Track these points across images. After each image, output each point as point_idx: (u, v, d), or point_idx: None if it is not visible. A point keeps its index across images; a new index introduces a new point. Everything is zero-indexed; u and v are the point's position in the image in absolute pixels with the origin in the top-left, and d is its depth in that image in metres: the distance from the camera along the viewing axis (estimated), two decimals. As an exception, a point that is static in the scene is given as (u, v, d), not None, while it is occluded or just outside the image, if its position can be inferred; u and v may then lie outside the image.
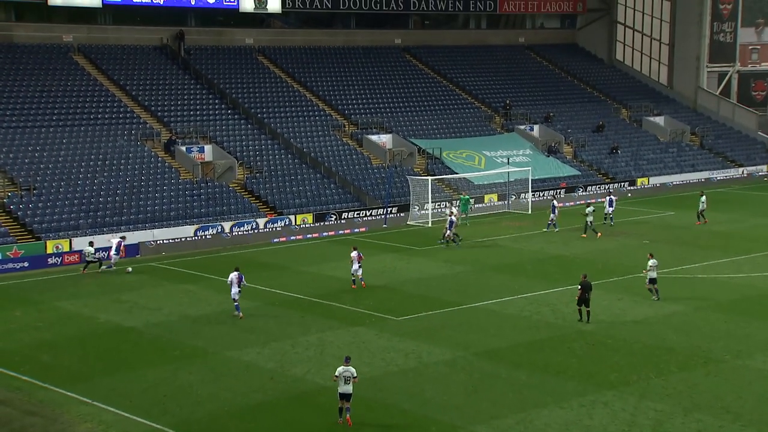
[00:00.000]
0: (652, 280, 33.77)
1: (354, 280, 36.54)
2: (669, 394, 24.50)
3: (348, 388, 22.88)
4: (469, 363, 27.42)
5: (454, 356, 28.02)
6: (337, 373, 23.01)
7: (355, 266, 36.23)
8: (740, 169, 70.06)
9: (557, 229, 47.42)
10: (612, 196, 50.79)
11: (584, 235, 46.44)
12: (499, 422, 22.82)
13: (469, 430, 22.46)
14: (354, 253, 36.49)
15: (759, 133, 76.79)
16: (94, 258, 41.18)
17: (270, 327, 31.68)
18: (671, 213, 54.02)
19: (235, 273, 32.83)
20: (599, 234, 46.52)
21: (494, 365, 27.15)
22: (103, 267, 41.20)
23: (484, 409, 23.70)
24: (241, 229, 48.90)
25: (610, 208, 49.89)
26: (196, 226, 47.92)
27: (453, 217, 45.44)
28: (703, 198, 49.98)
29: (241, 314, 32.47)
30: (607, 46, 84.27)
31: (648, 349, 28.42)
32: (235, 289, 32.53)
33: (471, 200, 53.87)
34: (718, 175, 68.30)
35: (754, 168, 70.76)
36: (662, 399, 24.16)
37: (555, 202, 50.02)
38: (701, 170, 68.36)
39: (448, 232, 44.68)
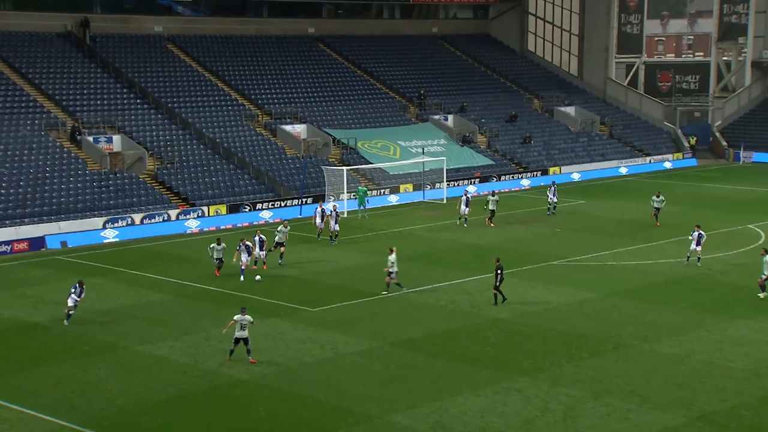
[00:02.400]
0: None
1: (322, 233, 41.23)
2: (580, 380, 25.07)
3: (244, 333, 26.01)
4: (386, 353, 27.56)
5: (370, 346, 28.12)
6: (235, 318, 26.09)
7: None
8: (647, 158, 72.06)
9: (466, 225, 47.10)
10: (554, 186, 51.09)
11: (492, 225, 46.81)
12: (415, 411, 23.01)
13: (385, 419, 22.58)
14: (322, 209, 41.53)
15: (665, 123, 79.10)
16: None
17: (182, 320, 31.24)
18: (582, 201, 55.21)
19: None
20: (492, 224, 46.99)
21: (410, 355, 27.34)
22: None
23: (401, 399, 23.86)
24: (153, 220, 48.06)
25: (554, 198, 50.21)
26: (105, 219, 46.88)
27: (326, 209, 44.33)
28: (660, 197, 47.17)
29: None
30: (518, 37, 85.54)
31: (560, 335, 29.02)
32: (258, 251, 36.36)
33: (368, 192, 53.27)
34: (626, 163, 70.16)
35: (660, 157, 72.89)
36: (574, 384, 24.72)
37: (468, 196, 48.66)
38: (610, 159, 70.10)
39: (336, 227, 43.25)
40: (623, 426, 22.00)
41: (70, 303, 30.43)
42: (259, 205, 51.81)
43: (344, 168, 54.56)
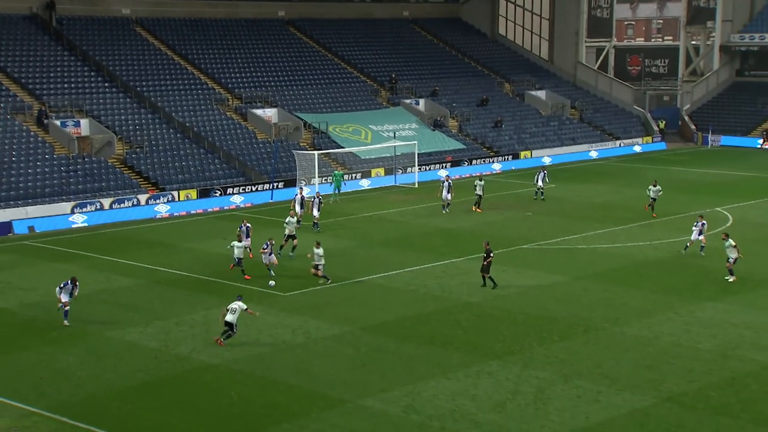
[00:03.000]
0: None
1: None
2: (551, 362, 25.28)
3: (233, 318, 26.31)
4: (357, 337, 27.60)
5: (341, 331, 28.15)
6: (228, 307, 26.48)
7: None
8: (617, 142, 72.53)
9: (447, 211, 46.80)
10: (544, 171, 51.03)
11: (479, 210, 46.68)
12: (387, 395, 23.09)
13: (357, 403, 22.64)
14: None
15: (634, 107, 79.61)
16: None
17: (154, 306, 31.08)
18: (552, 185, 55.46)
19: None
20: (479, 209, 46.91)
21: (382, 339, 27.41)
22: None
23: (372, 383, 23.92)
24: (122, 205, 47.69)
25: (541, 184, 49.98)
26: (73, 203, 46.44)
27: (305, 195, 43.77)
28: (657, 187, 45.47)
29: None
30: (489, 21, 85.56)
31: (531, 319, 29.22)
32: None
33: (344, 176, 53.27)
34: (596, 147, 70.58)
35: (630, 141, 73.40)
36: (544, 367, 24.91)
37: (450, 181, 47.71)
38: (581, 143, 70.48)
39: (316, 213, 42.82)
40: (593, 408, 22.22)
41: (63, 299, 28.45)
42: (229, 190, 51.55)
43: (315, 152, 54.38)
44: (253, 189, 52.46)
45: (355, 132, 62.26)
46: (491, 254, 32.53)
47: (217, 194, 50.97)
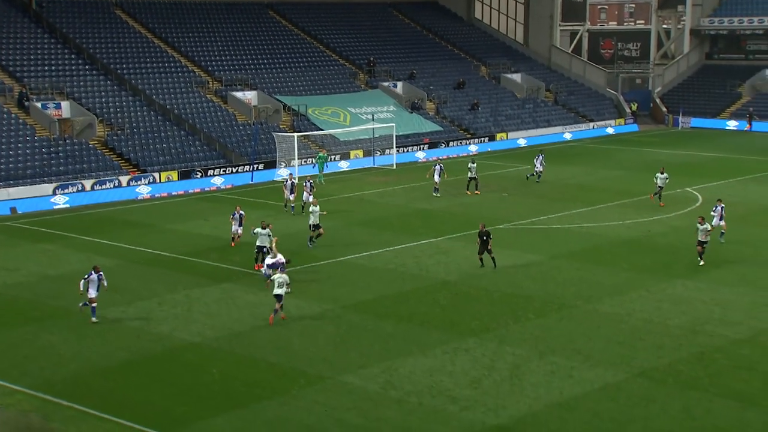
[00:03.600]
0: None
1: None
2: (526, 339, 25.37)
3: (281, 291, 26.42)
4: (337, 316, 27.58)
5: (321, 310, 28.11)
6: (273, 278, 26.79)
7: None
8: (591, 124, 72.73)
9: (438, 194, 46.36)
10: (542, 154, 50.47)
11: (468, 192, 46.43)
12: (365, 371, 23.10)
13: (336, 380, 22.64)
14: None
15: (607, 89, 79.80)
16: None
17: (135, 286, 30.88)
18: (528, 167, 55.57)
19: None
20: (477, 192, 46.65)
21: (361, 317, 27.40)
22: None
23: (352, 360, 23.92)
24: (103, 186, 47.31)
25: (540, 167, 49.48)
26: (55, 185, 46.01)
27: (293, 181, 42.69)
28: (664, 174, 43.52)
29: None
30: (466, 5, 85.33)
31: (507, 297, 29.30)
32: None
33: (328, 158, 53.02)
34: (570, 129, 70.75)
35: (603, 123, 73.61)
36: (519, 344, 25.00)
37: (442, 165, 46.73)
38: (555, 125, 70.61)
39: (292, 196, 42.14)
40: (567, 383, 22.34)
41: (92, 294, 26.66)
42: (210, 172, 51.26)
43: (295, 134, 54.16)
44: (234, 171, 52.19)
45: (334, 114, 62.02)
46: (490, 235, 32.31)
47: (198, 176, 50.67)
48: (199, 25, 67.58)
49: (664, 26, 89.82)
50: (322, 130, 58.87)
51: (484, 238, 32.17)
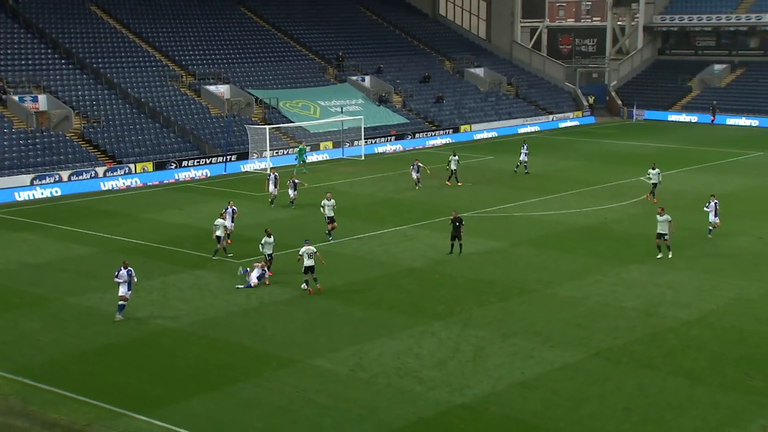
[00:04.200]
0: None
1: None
2: (489, 322, 25.52)
3: (311, 262, 27.42)
4: (307, 301, 27.55)
5: (292, 296, 28.07)
6: (301, 252, 27.39)
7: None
8: (550, 116, 73.11)
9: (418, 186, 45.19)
10: (525, 144, 50.12)
11: (448, 183, 46.18)
12: (335, 355, 23.13)
13: (307, 363, 22.64)
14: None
15: (566, 83, 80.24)
16: None
17: (112, 273, 30.40)
18: (491, 157, 55.82)
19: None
20: (459, 183, 46.54)
21: (331, 303, 27.40)
22: None
23: (322, 344, 23.93)
24: (80, 177, 46.78)
25: (525, 158, 49.16)
26: (32, 176, 45.42)
27: (275, 175, 42.16)
28: (656, 170, 41.63)
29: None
30: (431, 2, 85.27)
31: (470, 282, 29.44)
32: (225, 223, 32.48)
33: (307, 149, 53.08)
34: (531, 121, 71.08)
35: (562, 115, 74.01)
36: (483, 327, 25.15)
37: (420, 163, 45.49)
38: (516, 117, 70.90)
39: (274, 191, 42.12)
40: (528, 363, 22.53)
41: (122, 291, 25.41)
42: (185, 163, 50.89)
43: (267, 127, 53.89)
44: (208, 162, 51.85)
45: (304, 107, 61.78)
46: (462, 221, 32.45)
47: (173, 167, 50.27)
48: (173, 20, 66.92)
49: (619, 23, 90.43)
50: (293, 122, 58.64)
51: (456, 224, 32.34)
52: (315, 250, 27.79)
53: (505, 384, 21.30)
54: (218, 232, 31.92)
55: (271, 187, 41.30)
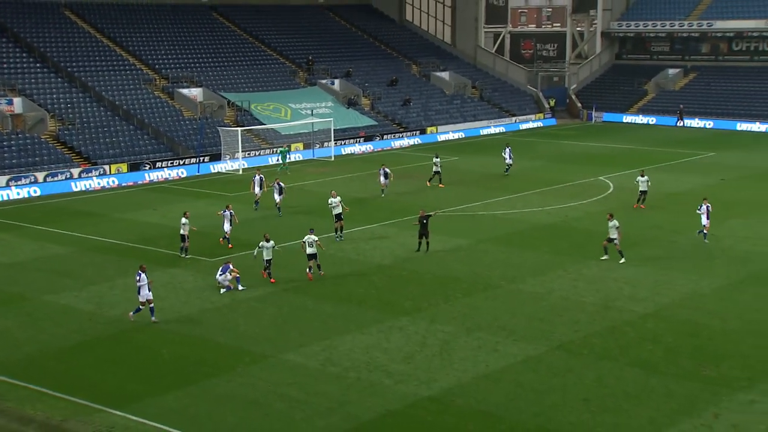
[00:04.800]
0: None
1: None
2: (455, 317, 25.60)
3: (312, 250, 28.55)
4: (279, 298, 27.45)
5: (264, 292, 27.95)
6: (304, 240, 28.68)
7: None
8: (513, 118, 73.48)
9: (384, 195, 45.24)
10: (508, 147, 49.90)
11: (429, 184, 45.95)
12: (306, 349, 23.07)
13: (279, 357, 22.56)
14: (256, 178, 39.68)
15: (528, 86, 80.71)
16: None
17: (87, 271, 30.27)
18: (456, 158, 55.98)
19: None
20: (441, 185, 46.26)
21: (302, 299, 27.32)
22: None
23: (293, 339, 23.86)
24: (55, 178, 46.19)
25: (510, 160, 49.00)
26: (8, 177, 44.77)
27: (261, 176, 41.73)
28: (645, 177, 39.85)
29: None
30: (397, 8, 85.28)
31: (437, 278, 29.50)
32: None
33: (288, 149, 53.05)
34: (495, 123, 71.37)
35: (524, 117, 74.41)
36: (449, 321, 25.22)
37: (387, 169, 43.74)
38: (481, 119, 71.17)
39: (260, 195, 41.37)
40: (492, 356, 22.63)
41: (143, 295, 24.67)
42: (158, 164, 50.47)
43: (239, 129, 53.63)
44: (181, 163, 51.46)
45: (275, 110, 61.55)
46: (426, 220, 32.37)
47: (147, 168, 49.83)
48: (146, 25, 66.30)
49: (578, 29, 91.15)
50: (264, 124, 58.39)
51: (424, 221, 32.40)
52: (316, 239, 28.83)
53: (471, 377, 21.37)
54: (183, 231, 31.69)
55: (257, 188, 40.55)
